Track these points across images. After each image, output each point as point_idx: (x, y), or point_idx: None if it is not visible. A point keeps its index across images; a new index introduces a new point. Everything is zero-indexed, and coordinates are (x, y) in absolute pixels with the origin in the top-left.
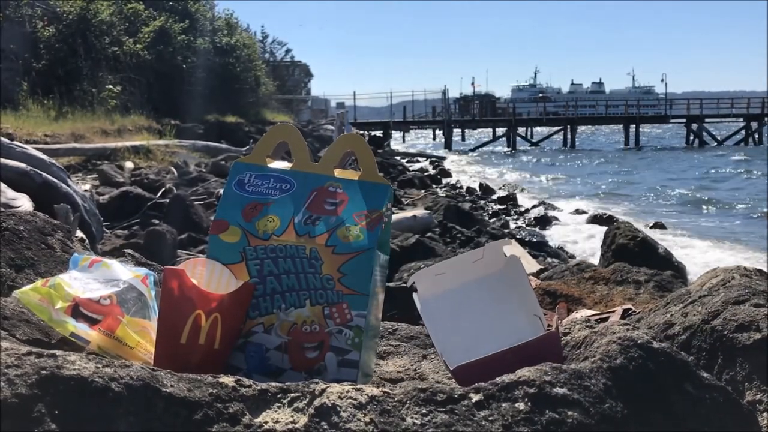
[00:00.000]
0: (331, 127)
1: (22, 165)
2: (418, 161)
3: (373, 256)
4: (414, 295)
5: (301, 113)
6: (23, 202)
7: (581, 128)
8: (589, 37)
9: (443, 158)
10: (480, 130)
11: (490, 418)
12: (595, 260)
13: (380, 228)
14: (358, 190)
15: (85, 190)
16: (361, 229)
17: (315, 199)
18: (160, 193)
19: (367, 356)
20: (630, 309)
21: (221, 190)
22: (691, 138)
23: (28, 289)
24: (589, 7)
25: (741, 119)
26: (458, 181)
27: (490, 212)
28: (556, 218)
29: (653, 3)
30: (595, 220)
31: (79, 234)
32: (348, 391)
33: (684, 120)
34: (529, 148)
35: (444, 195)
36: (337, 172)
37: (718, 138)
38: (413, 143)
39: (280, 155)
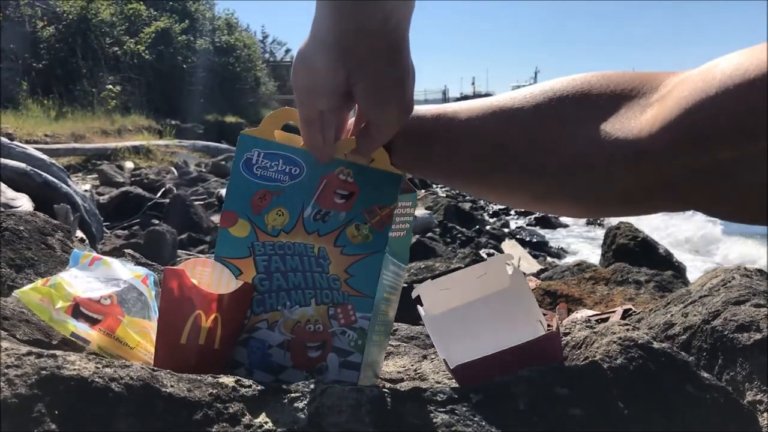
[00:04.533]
0: None
1: (22, 165)
2: None
3: (381, 258)
4: (419, 307)
5: None
6: (23, 202)
7: None
8: (589, 37)
9: None
10: None
11: (490, 418)
12: (595, 260)
13: (390, 227)
14: (369, 180)
15: (85, 190)
16: (371, 228)
17: (325, 190)
18: (160, 193)
19: (378, 356)
20: (630, 309)
21: (222, 191)
22: None
23: (29, 289)
24: (589, 7)
25: None
26: None
27: (490, 212)
28: (556, 218)
29: (653, 3)
30: (596, 220)
31: (79, 234)
32: (348, 392)
33: None
34: None
35: (444, 195)
36: (349, 156)
37: None
38: None
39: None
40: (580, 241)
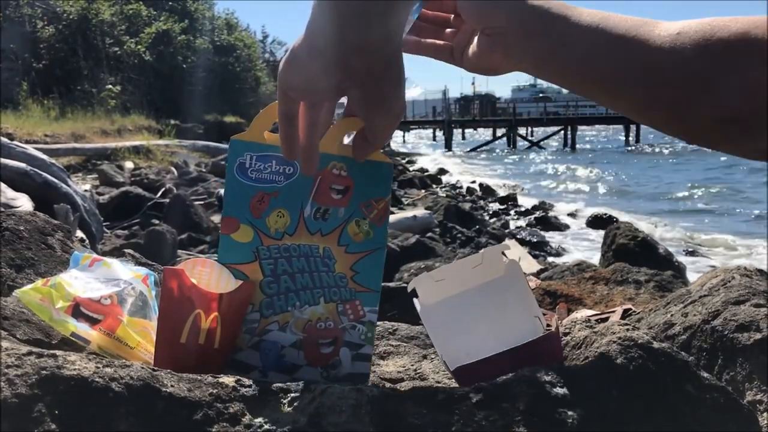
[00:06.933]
0: None
1: (22, 165)
2: (418, 161)
3: (383, 254)
4: (414, 300)
5: None
6: (23, 202)
7: (581, 128)
8: None
9: (445, 153)
10: (480, 130)
11: (490, 418)
12: (595, 260)
13: (388, 221)
14: (362, 171)
15: (85, 190)
16: (371, 224)
17: (321, 187)
18: (160, 193)
19: None
20: (630, 309)
21: (221, 191)
22: None
23: (29, 289)
24: (590, 6)
25: None
26: (458, 181)
27: (490, 212)
28: (556, 218)
29: (653, 2)
30: (596, 220)
31: (79, 234)
32: (348, 392)
33: None
34: (529, 148)
35: (444, 195)
36: (339, 149)
37: None
38: (413, 143)
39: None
40: (580, 241)
